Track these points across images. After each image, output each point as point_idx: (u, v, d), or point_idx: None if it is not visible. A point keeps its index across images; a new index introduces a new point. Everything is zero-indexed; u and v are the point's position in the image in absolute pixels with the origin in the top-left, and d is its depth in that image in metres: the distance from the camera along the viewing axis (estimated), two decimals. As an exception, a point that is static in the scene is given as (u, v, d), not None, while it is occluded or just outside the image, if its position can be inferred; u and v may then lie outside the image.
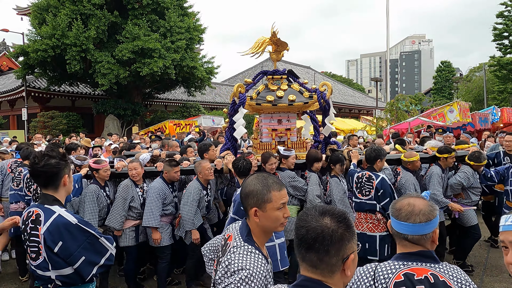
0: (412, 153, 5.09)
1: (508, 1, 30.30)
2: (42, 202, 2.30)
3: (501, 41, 30.82)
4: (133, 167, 4.61)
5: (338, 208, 1.36)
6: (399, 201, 1.70)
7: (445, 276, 1.55)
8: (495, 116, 14.86)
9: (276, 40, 5.25)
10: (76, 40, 15.90)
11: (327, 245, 1.25)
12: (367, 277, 1.63)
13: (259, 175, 1.75)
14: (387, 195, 4.27)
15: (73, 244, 2.20)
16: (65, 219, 2.22)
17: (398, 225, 1.65)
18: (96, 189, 4.58)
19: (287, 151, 4.85)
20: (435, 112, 11.61)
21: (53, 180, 2.29)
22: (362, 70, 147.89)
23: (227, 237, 1.76)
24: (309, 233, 1.28)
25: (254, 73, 42.16)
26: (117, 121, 19.20)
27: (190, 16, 19.81)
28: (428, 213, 1.63)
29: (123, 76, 16.66)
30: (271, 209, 1.65)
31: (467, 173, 5.02)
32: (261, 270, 1.53)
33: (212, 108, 28.35)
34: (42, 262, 2.22)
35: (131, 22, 17.20)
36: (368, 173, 4.44)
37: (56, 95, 20.53)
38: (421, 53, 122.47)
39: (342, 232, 1.27)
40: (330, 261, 1.26)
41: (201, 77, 19.40)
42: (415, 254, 1.61)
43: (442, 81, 50.98)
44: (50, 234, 2.18)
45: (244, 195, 1.69)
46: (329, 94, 5.07)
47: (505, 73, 30.22)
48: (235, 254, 1.58)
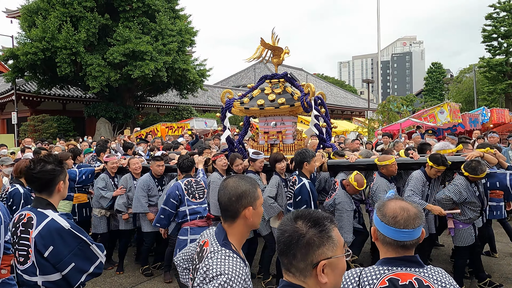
0: (386, 157, 4.63)
1: (496, 3, 30.74)
2: (35, 205, 2.29)
3: (490, 43, 31.24)
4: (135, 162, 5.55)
5: (319, 212, 1.31)
6: (386, 207, 1.64)
7: (429, 280, 1.54)
8: (485, 117, 15.07)
9: (270, 46, 5.33)
10: (66, 43, 15.77)
11: (294, 249, 1.24)
12: (352, 283, 1.61)
13: (239, 175, 1.76)
14: (303, 202, 4.15)
15: (64, 250, 2.17)
16: (58, 224, 2.20)
17: (396, 233, 1.57)
18: (106, 177, 5.58)
19: (255, 154, 4.92)
20: (426, 113, 11.71)
21: (47, 186, 2.29)
22: (354, 71, 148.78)
23: (202, 243, 1.74)
24: (281, 237, 1.28)
25: (247, 75, 42.25)
26: (108, 125, 19.07)
27: (182, 19, 19.77)
28: (420, 214, 1.62)
29: (114, 79, 16.55)
30: (259, 205, 1.70)
31: (459, 186, 4.23)
32: (240, 273, 1.52)
33: (204, 111, 28.28)
34: (30, 266, 2.18)
35: (122, 24, 17.11)
36: (294, 177, 4.34)
37: (46, 99, 20.32)
38: (412, 54, 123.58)
39: (310, 237, 1.23)
40: (298, 266, 1.24)
41: (193, 80, 19.36)
42: (400, 259, 1.59)
43: (433, 82, 51.47)
44: (41, 238, 2.15)
45: (236, 197, 1.65)
46: (311, 96, 5.01)
47: (495, 74, 30.64)
48: (213, 260, 1.56)
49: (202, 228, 4.26)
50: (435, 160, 4.27)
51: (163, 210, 4.54)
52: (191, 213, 4.40)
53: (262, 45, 5.36)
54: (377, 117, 17.73)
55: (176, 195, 4.43)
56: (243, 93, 5.57)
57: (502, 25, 30.23)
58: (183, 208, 4.41)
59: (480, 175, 4.12)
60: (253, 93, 5.44)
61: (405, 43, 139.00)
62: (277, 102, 5.08)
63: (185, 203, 4.41)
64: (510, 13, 30.25)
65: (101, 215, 5.53)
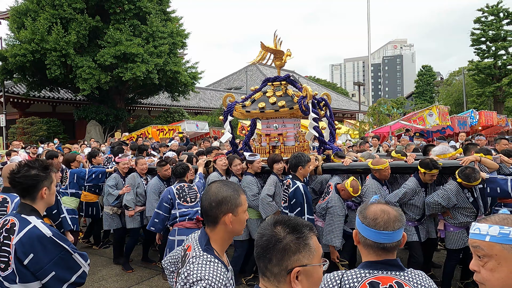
0: (379, 161, 4.60)
1: (485, 7, 31.22)
2: (20, 211, 2.25)
3: (479, 46, 31.68)
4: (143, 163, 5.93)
5: (299, 220, 1.32)
6: (367, 209, 1.66)
7: (409, 283, 1.55)
8: (474, 119, 15.25)
9: (271, 49, 5.41)
10: (56, 44, 15.63)
11: (270, 253, 1.25)
12: (334, 285, 1.62)
13: (223, 181, 1.75)
14: (298, 205, 4.20)
15: (45, 258, 2.13)
16: (40, 231, 2.16)
17: (376, 235, 1.59)
18: (117, 177, 5.86)
19: (252, 156, 5.05)
20: (415, 116, 11.83)
21: (29, 191, 2.26)
22: (346, 74, 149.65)
23: (186, 247, 1.74)
24: (259, 240, 1.29)
25: (239, 77, 42.28)
26: (99, 127, 18.93)
27: (173, 21, 19.73)
28: (401, 217, 1.64)
29: (104, 81, 16.44)
30: (241, 212, 1.69)
31: (448, 191, 4.16)
32: (220, 279, 1.52)
33: (196, 113, 28.22)
34: (10, 273, 2.13)
35: (112, 27, 17.01)
36: (288, 180, 4.38)
37: (36, 101, 20.10)
38: (403, 57, 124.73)
39: (288, 243, 1.24)
40: (273, 270, 1.25)
41: (185, 82, 19.31)
42: (381, 263, 1.61)
43: (423, 85, 51.96)
44: (22, 245, 2.11)
45: (216, 203, 1.66)
46: (308, 99, 5.05)
47: (483, 77, 31.08)
48: (194, 265, 1.56)
49: (190, 230, 4.38)
50: (425, 166, 4.23)
51: (157, 214, 4.69)
52: (180, 215, 4.56)
53: (263, 48, 5.46)
54: (368, 119, 17.87)
55: (168, 199, 4.62)
56: (246, 96, 5.67)
57: (490, 28, 30.68)
58: (174, 211, 4.60)
59: (473, 183, 4.00)
60: (255, 96, 5.52)
61: (396, 46, 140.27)
62: (277, 105, 5.14)
63: (176, 207, 4.59)
64: (498, 17, 30.73)
65: (113, 212, 5.84)
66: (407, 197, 4.36)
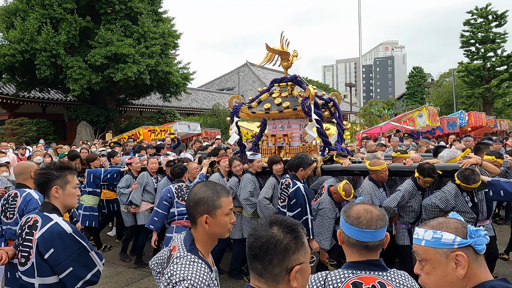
0: (377, 162, 4.51)
1: (474, 9, 31.63)
2: (42, 209, 2.39)
3: (468, 48, 32.08)
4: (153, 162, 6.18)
5: (291, 219, 1.35)
6: (351, 209, 1.69)
7: (391, 283, 1.58)
8: (463, 120, 15.44)
9: (277, 50, 5.46)
10: (46, 45, 15.48)
11: (271, 254, 1.25)
12: (318, 286, 1.63)
13: (206, 183, 1.75)
14: (298, 206, 4.21)
15: (64, 253, 2.22)
16: (61, 227, 2.27)
17: (359, 233, 1.62)
18: (129, 178, 6.11)
19: (252, 155, 5.13)
20: (405, 117, 11.95)
21: (42, 188, 2.41)
22: (338, 75, 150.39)
23: (171, 248, 1.75)
24: (256, 242, 1.29)
25: (231, 78, 42.27)
26: (90, 128, 18.78)
27: (165, 22, 19.66)
28: (384, 217, 1.66)
29: (95, 82, 16.32)
30: (220, 215, 1.67)
31: (447, 193, 4.04)
32: (203, 279, 1.52)
33: (188, 114, 28.15)
34: (29, 268, 2.25)
35: (103, 27, 16.89)
36: (288, 180, 4.39)
37: (25, 102, 19.86)
38: (394, 59, 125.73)
39: (287, 243, 1.27)
40: (273, 271, 1.26)
41: (177, 83, 19.25)
42: (364, 263, 1.63)
43: (414, 86, 52.44)
44: (43, 240, 2.22)
45: (194, 203, 1.67)
46: (310, 100, 5.02)
47: (473, 79, 31.48)
48: (178, 265, 1.56)
49: (187, 228, 4.37)
50: (421, 171, 4.16)
51: (156, 213, 4.85)
52: (178, 214, 4.72)
53: (268, 50, 5.50)
54: (359, 120, 17.98)
55: (167, 197, 4.80)
56: (252, 98, 5.74)
57: (479, 31, 31.09)
58: (172, 209, 4.78)
59: (472, 185, 3.87)
60: (261, 97, 5.57)
61: (387, 48, 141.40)
62: (282, 105, 5.18)
63: (174, 205, 4.76)
64: (487, 19, 31.15)
65: (127, 210, 6.10)
66: (404, 200, 4.30)
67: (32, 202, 3.47)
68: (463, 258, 1.25)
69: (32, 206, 3.34)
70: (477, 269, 1.26)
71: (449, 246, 1.27)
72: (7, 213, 3.55)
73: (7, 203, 3.57)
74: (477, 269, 1.26)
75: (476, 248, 1.27)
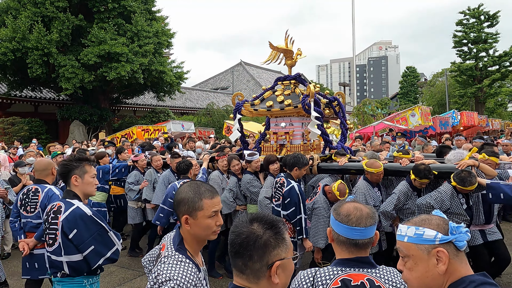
0: (374, 163, 4.45)
1: (466, 10, 31.89)
2: (65, 196, 2.68)
3: (461, 48, 32.33)
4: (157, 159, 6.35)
5: (272, 216, 1.35)
6: (341, 207, 1.70)
7: (380, 280, 1.59)
8: (455, 120, 15.55)
9: (280, 49, 5.49)
10: (38, 43, 15.33)
11: (251, 250, 1.26)
12: (306, 282, 1.64)
13: (192, 183, 1.73)
14: (292, 205, 4.21)
15: (86, 233, 2.50)
16: (82, 211, 2.54)
17: (348, 231, 1.63)
18: (137, 174, 6.29)
19: (250, 155, 5.13)
20: (398, 116, 12.01)
21: (63, 177, 2.71)
22: (332, 75, 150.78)
23: (161, 246, 1.75)
24: (236, 239, 1.30)
25: (225, 77, 42.21)
26: (82, 127, 18.65)
27: (159, 21, 19.57)
28: (374, 215, 1.68)
29: (88, 81, 16.20)
30: (202, 217, 1.64)
31: (442, 194, 3.96)
32: (190, 279, 1.52)
33: (182, 113, 28.06)
34: (57, 247, 2.53)
35: (96, 25, 16.77)
36: (282, 179, 4.39)
37: (17, 101, 19.67)
38: (388, 58, 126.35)
39: (267, 239, 1.27)
40: (253, 267, 1.26)
41: (170, 82, 19.17)
42: (353, 260, 1.64)
43: (407, 86, 52.74)
44: (67, 221, 2.50)
45: (176, 203, 1.67)
46: (310, 97, 5.01)
47: (465, 78, 31.73)
48: (165, 264, 1.56)
49: None
50: (417, 173, 4.11)
51: (162, 209, 4.92)
52: None
53: (272, 48, 5.52)
54: (352, 119, 18.05)
55: (173, 194, 4.80)
56: (256, 95, 5.78)
57: (471, 31, 31.34)
58: None
59: (468, 187, 3.79)
60: (265, 95, 5.61)
61: (381, 48, 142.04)
62: (284, 103, 5.20)
63: None
64: (479, 20, 31.41)
65: (138, 207, 6.27)
66: (400, 202, 4.26)
67: (54, 197, 3.70)
68: (443, 254, 1.27)
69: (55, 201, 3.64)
70: (458, 265, 1.29)
71: (430, 242, 1.30)
72: (28, 207, 3.77)
73: (27, 197, 3.78)
74: (458, 265, 1.29)
75: (457, 244, 1.29)
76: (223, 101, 33.21)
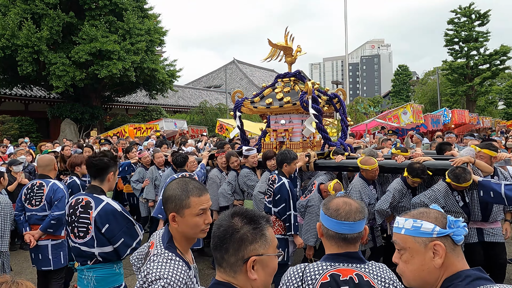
0: (368, 161, 4.41)
1: (457, 9, 32.15)
2: (91, 191, 2.75)
3: (452, 47, 32.61)
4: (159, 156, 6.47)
5: (256, 211, 1.34)
6: (330, 201, 1.70)
7: (369, 276, 1.59)
8: (446, 118, 15.67)
9: (279, 46, 5.52)
10: (28, 41, 15.13)
11: (227, 243, 1.25)
12: (296, 278, 1.64)
13: (180, 180, 1.71)
14: (282, 201, 4.22)
15: (116, 227, 2.66)
16: (112, 207, 2.69)
17: (337, 225, 1.63)
18: (142, 171, 6.53)
19: (248, 151, 5.21)
20: (390, 114, 12.07)
21: (100, 173, 2.78)
22: (325, 73, 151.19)
23: (150, 244, 1.73)
24: (216, 231, 1.30)
25: (218, 75, 42.09)
26: (74, 126, 18.45)
27: (151, 18, 19.42)
28: (363, 209, 1.68)
29: (79, 78, 16.03)
30: (189, 215, 1.62)
31: (436, 192, 3.94)
32: (180, 277, 1.50)
33: (175, 112, 27.92)
34: (89, 240, 2.66)
35: (88, 23, 16.59)
36: (274, 175, 4.39)
37: (7, 99, 19.41)
38: (380, 57, 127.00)
39: (244, 233, 1.26)
40: (229, 260, 1.26)
41: (163, 80, 19.07)
42: (342, 255, 1.64)
43: (400, 84, 53.06)
44: (100, 217, 2.63)
45: (164, 200, 1.66)
46: (308, 94, 4.99)
47: (456, 77, 32.03)
48: (154, 263, 1.54)
49: None
50: (410, 171, 4.10)
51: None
52: None
53: (270, 45, 5.54)
54: (345, 117, 18.06)
55: None
56: (256, 93, 5.80)
57: (463, 29, 31.62)
58: None
59: (462, 184, 3.74)
60: (264, 92, 5.62)
61: (374, 46, 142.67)
62: (283, 100, 5.21)
63: None
64: (470, 19, 31.69)
65: (145, 201, 6.48)
66: (395, 199, 4.25)
67: (59, 191, 3.96)
68: (440, 248, 1.26)
69: (60, 194, 3.91)
70: (454, 259, 1.28)
71: (428, 235, 1.28)
72: (33, 200, 3.97)
73: (32, 191, 3.98)
74: (454, 259, 1.28)
75: (454, 238, 1.28)
76: (216, 99, 33.13)
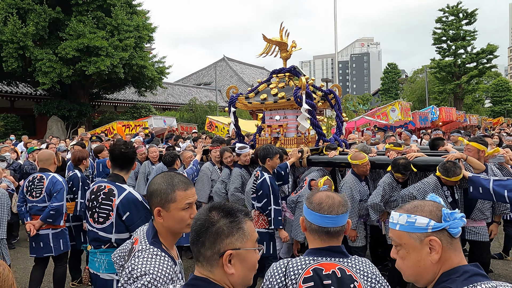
0: (358, 156, 4.40)
1: (445, 7, 32.51)
2: (113, 180, 2.83)
3: (440, 45, 33.01)
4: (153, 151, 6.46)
5: (234, 205, 1.32)
6: (313, 196, 1.69)
7: (351, 270, 1.58)
8: (434, 115, 15.84)
9: (274, 41, 5.50)
10: (13, 36, 14.84)
11: (203, 237, 1.24)
12: (279, 273, 1.63)
13: (165, 174, 1.69)
14: (264, 196, 4.25)
15: (136, 216, 2.72)
16: (134, 196, 2.75)
17: (320, 219, 1.62)
18: (138, 165, 6.43)
19: (240, 149, 5.15)
20: (378, 111, 12.16)
21: (130, 163, 2.92)
22: (315, 71, 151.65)
23: (133, 240, 1.70)
24: (194, 225, 1.28)
25: (208, 73, 41.91)
26: (61, 123, 18.19)
27: (139, 15, 19.21)
28: (346, 203, 1.67)
29: (66, 75, 15.79)
30: (175, 209, 1.60)
31: (426, 185, 3.93)
32: (166, 273, 1.48)
33: (164, 109, 27.73)
34: (109, 226, 2.73)
35: (75, 18, 16.33)
36: (258, 172, 4.40)
37: (-8, 95, 19.10)
38: (370, 55, 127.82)
39: (220, 226, 1.24)
40: (205, 254, 1.24)
41: (152, 77, 18.89)
42: (325, 249, 1.63)
43: (389, 82, 53.52)
44: (122, 205, 2.71)
45: (149, 194, 1.64)
46: (302, 90, 4.98)
47: (444, 75, 32.45)
48: (139, 259, 1.51)
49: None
50: (393, 166, 4.13)
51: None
52: None
53: (266, 40, 5.52)
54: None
55: None
56: (251, 88, 5.78)
57: (450, 28, 32.02)
58: None
59: (451, 178, 3.73)
60: (259, 88, 5.60)
61: (363, 44, 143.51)
62: (277, 96, 5.20)
63: None
64: (457, 17, 32.10)
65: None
66: (386, 193, 4.25)
67: (57, 183, 4.20)
68: (436, 243, 1.22)
69: (59, 187, 4.16)
70: (451, 253, 1.24)
71: (423, 231, 1.24)
72: (33, 192, 4.20)
73: (33, 184, 4.22)
74: (451, 253, 1.24)
75: (451, 231, 1.23)
76: (205, 96, 32.99)
